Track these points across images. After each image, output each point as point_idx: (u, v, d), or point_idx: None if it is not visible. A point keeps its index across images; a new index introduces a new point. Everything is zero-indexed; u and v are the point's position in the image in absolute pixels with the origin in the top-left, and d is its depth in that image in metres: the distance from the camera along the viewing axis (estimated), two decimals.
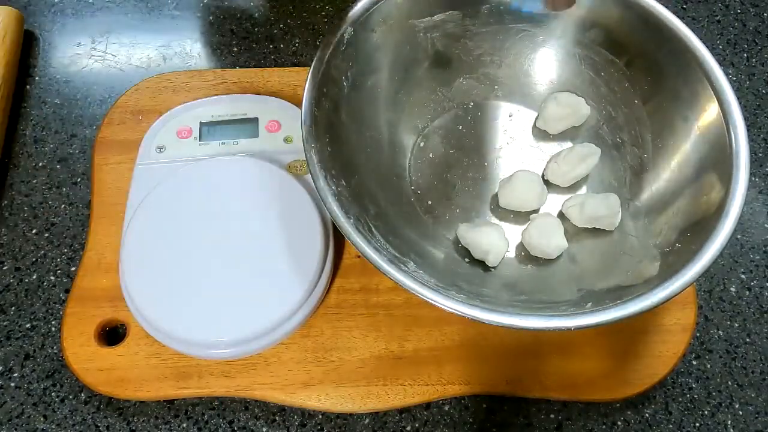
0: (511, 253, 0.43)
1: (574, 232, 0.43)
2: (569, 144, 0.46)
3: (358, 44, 0.42)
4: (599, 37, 0.44)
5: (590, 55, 0.45)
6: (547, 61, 0.47)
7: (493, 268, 0.42)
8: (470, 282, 0.40)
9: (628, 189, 0.44)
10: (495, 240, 0.41)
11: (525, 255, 0.43)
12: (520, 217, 0.44)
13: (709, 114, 0.39)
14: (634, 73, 0.44)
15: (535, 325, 0.33)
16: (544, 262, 0.42)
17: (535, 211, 0.44)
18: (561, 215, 0.44)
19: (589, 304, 0.35)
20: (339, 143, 0.40)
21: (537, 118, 0.48)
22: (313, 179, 0.36)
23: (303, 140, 0.37)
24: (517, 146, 0.47)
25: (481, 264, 0.42)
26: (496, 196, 0.45)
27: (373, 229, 0.38)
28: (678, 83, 0.41)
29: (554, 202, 0.45)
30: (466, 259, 0.42)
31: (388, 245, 0.37)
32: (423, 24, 0.44)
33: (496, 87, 0.49)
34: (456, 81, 0.48)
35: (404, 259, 0.37)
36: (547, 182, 0.45)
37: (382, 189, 0.43)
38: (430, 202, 0.45)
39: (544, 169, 0.46)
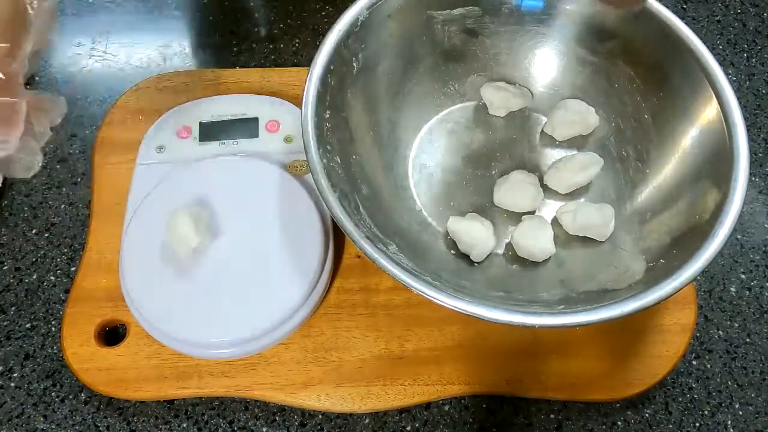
0: (500, 252, 0.43)
1: (565, 239, 0.43)
2: (574, 152, 0.46)
3: (373, 28, 0.41)
4: (617, 47, 0.43)
5: (607, 66, 0.45)
6: (562, 67, 0.47)
7: (477, 263, 0.42)
8: (452, 273, 0.40)
9: (626, 202, 0.43)
10: (482, 236, 0.41)
11: (513, 255, 0.43)
12: (514, 217, 0.44)
13: (709, 114, 0.39)
14: (648, 87, 0.43)
15: (498, 318, 0.32)
16: (531, 264, 0.42)
17: (529, 213, 0.44)
18: (555, 221, 0.44)
19: (562, 306, 0.35)
20: (340, 121, 0.40)
21: (545, 122, 0.47)
22: (305, 149, 0.36)
23: (302, 115, 0.37)
24: (522, 148, 0.47)
25: (466, 258, 0.42)
26: (492, 194, 0.45)
27: (360, 207, 0.38)
28: (685, 92, 0.40)
29: (551, 208, 0.45)
30: (452, 251, 0.43)
31: (373, 225, 0.38)
32: (441, 16, 0.44)
33: None
34: (469, 77, 0.48)
35: (387, 241, 0.37)
36: (546, 187, 0.45)
37: (379, 172, 0.43)
38: (426, 191, 0.45)
39: (545, 174, 0.46)
